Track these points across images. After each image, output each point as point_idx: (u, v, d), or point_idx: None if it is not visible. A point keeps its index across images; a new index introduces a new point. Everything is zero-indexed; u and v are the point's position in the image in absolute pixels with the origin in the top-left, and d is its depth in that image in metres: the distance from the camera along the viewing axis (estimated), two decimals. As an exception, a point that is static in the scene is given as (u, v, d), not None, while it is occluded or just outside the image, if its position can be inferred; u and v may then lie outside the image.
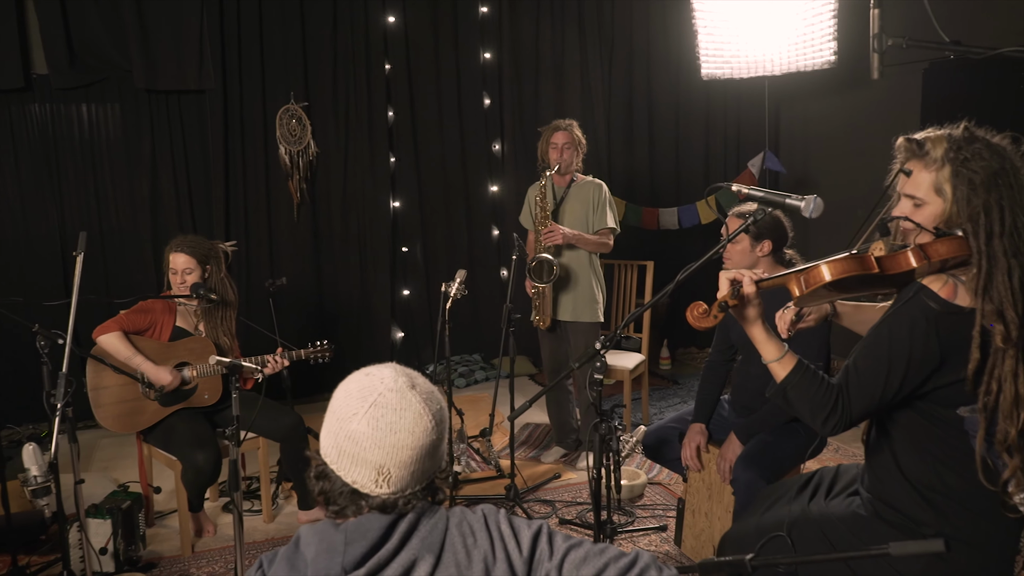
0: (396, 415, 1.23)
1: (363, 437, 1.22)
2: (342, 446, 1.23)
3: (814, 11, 4.75)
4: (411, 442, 1.23)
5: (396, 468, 1.22)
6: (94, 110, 4.93)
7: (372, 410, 1.22)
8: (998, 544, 1.67)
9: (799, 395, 1.72)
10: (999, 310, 1.56)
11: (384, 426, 1.22)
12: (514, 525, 1.28)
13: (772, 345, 1.77)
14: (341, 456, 1.24)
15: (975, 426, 1.64)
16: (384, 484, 1.22)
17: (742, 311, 1.78)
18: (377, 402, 1.23)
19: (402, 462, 1.22)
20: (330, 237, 5.46)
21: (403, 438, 1.22)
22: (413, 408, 1.24)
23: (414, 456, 1.23)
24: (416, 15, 5.47)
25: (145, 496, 3.50)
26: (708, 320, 1.79)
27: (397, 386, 1.25)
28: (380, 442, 1.21)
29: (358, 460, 1.22)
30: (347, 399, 1.25)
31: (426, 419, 1.24)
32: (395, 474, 1.22)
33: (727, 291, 1.76)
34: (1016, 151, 1.64)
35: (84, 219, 4.89)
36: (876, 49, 1.63)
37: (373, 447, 1.21)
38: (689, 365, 6.10)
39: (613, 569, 1.24)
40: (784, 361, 1.75)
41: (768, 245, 2.85)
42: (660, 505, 3.71)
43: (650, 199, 6.02)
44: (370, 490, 1.23)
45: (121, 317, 3.37)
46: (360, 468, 1.22)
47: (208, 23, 4.91)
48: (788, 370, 1.74)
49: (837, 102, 5.81)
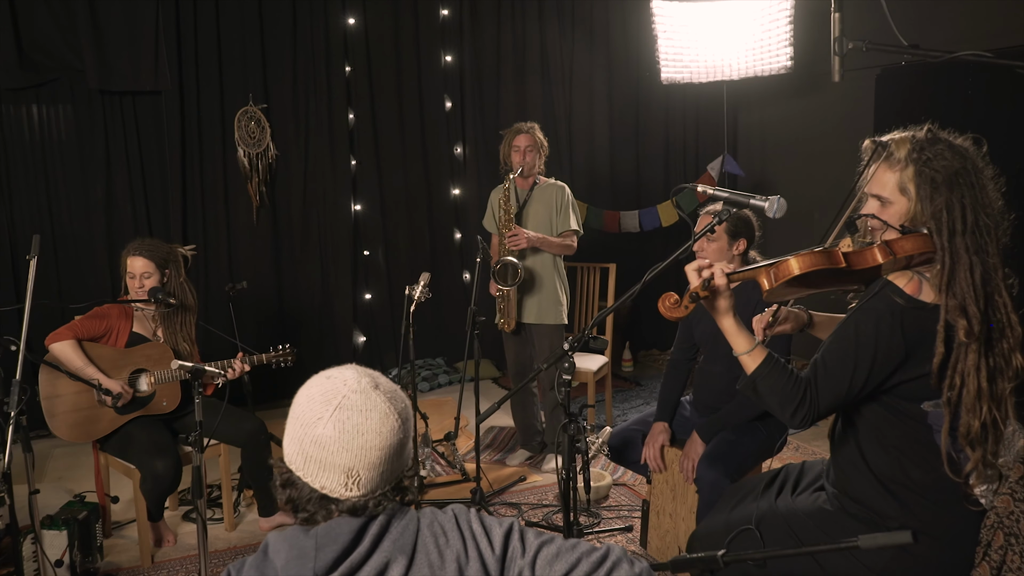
0: (362, 416, 1.21)
1: (330, 441, 1.20)
2: (308, 452, 1.21)
3: (771, 17, 4.84)
4: (379, 443, 1.21)
5: (365, 470, 1.21)
6: (45, 111, 4.81)
7: (337, 413, 1.21)
8: (960, 536, 1.71)
9: (769, 387, 1.75)
10: (962, 305, 1.60)
11: (351, 428, 1.20)
12: (485, 524, 1.27)
13: (743, 337, 1.80)
14: (308, 462, 1.22)
15: (939, 420, 1.68)
16: (354, 487, 1.21)
17: (713, 302, 1.80)
18: (342, 405, 1.21)
19: (371, 463, 1.21)
20: (290, 241, 5.40)
21: (371, 439, 1.21)
22: (379, 408, 1.23)
23: (382, 456, 1.22)
24: (377, 17, 5.44)
25: (102, 506, 3.42)
26: (679, 311, 1.80)
27: (361, 387, 1.24)
28: (347, 445, 1.20)
29: (326, 465, 1.20)
30: (310, 403, 1.23)
31: (392, 418, 1.23)
32: (364, 476, 1.21)
33: (698, 283, 1.77)
34: (978, 152, 1.69)
35: (35, 223, 4.77)
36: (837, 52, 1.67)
37: (341, 450, 1.20)
38: (651, 367, 6.15)
39: (586, 564, 1.24)
40: (754, 354, 1.78)
41: (743, 243, 2.89)
42: (625, 506, 3.73)
43: (611, 202, 6.06)
44: (340, 494, 1.21)
45: (75, 324, 3.29)
46: (328, 473, 1.21)
47: (164, 22, 4.82)
48: (758, 362, 1.77)
49: (793, 106, 5.92)
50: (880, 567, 1.72)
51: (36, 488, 2.66)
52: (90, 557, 3.17)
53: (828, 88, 5.55)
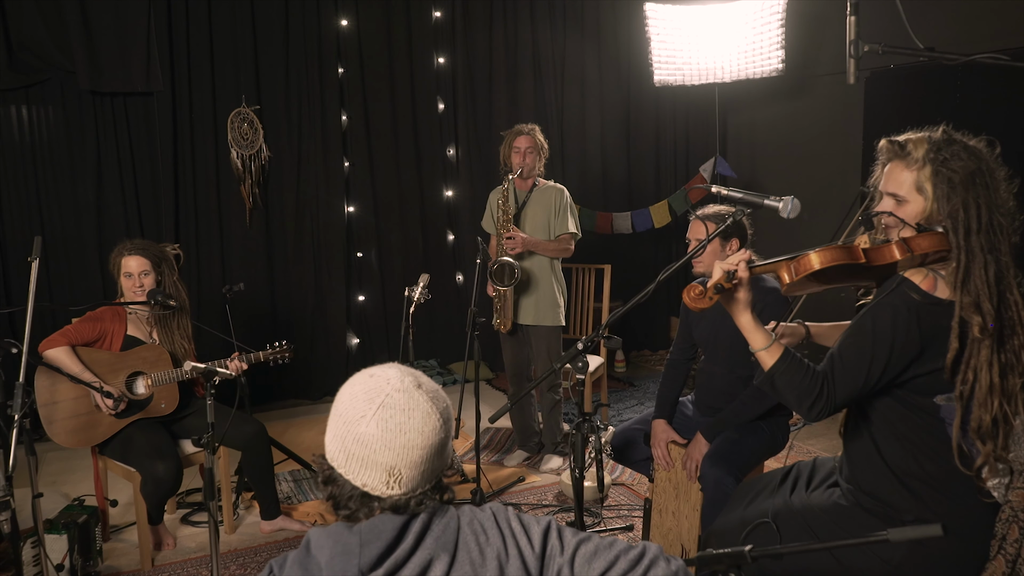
0: (405, 415, 1.22)
1: (372, 439, 1.21)
2: (350, 449, 1.22)
3: (763, 20, 4.89)
4: (421, 442, 1.22)
5: (407, 468, 1.22)
6: (35, 112, 4.76)
7: (380, 411, 1.21)
8: (975, 529, 1.74)
9: (786, 382, 1.78)
10: (976, 302, 1.64)
11: (393, 427, 1.21)
12: (524, 522, 1.28)
13: (760, 333, 1.82)
14: (350, 459, 1.22)
15: (951, 413, 1.71)
16: (396, 485, 1.22)
17: (733, 295, 1.82)
18: (385, 403, 1.22)
19: (412, 462, 1.22)
20: (283, 243, 5.38)
21: (413, 438, 1.22)
22: (421, 408, 1.24)
23: (424, 456, 1.23)
24: (369, 19, 5.43)
25: (101, 510, 3.39)
26: (704, 301, 1.82)
27: (404, 386, 1.24)
28: (390, 443, 1.21)
29: (368, 463, 1.21)
30: (353, 401, 1.24)
31: (434, 418, 1.24)
32: (406, 475, 1.22)
33: (721, 275, 1.80)
34: (991, 153, 1.73)
35: (25, 225, 4.72)
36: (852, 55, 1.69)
37: (383, 449, 1.21)
38: (643, 367, 6.18)
39: (623, 562, 1.25)
40: (772, 349, 1.80)
41: (736, 243, 2.92)
42: (625, 506, 3.74)
43: (603, 203, 6.09)
44: (381, 492, 1.22)
45: (68, 329, 3.25)
46: (370, 471, 1.21)
47: (156, 23, 4.79)
48: (776, 358, 1.79)
49: (783, 109, 5.98)
50: (896, 560, 1.75)
51: (39, 492, 2.63)
52: (91, 561, 3.14)
53: (818, 91, 5.61)
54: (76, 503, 3.27)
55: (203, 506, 3.76)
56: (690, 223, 3.06)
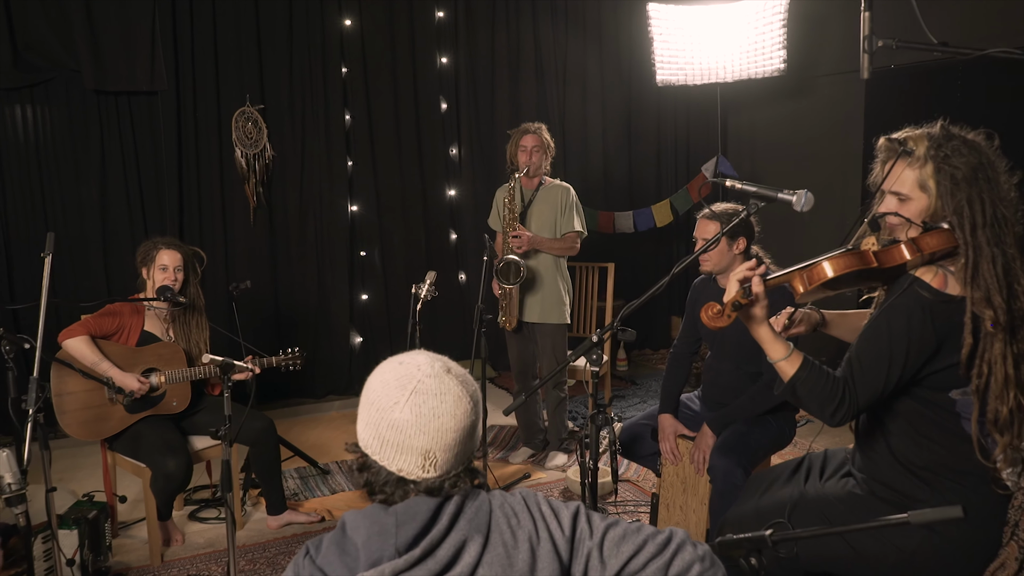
0: (437, 400, 1.25)
1: (407, 425, 1.23)
2: (385, 436, 1.24)
3: (764, 20, 4.92)
4: (453, 425, 1.25)
5: (441, 452, 1.24)
6: (39, 111, 4.76)
7: (413, 397, 1.24)
8: (988, 517, 1.77)
9: (808, 391, 1.79)
10: (987, 296, 1.66)
11: (427, 412, 1.23)
12: (554, 506, 1.31)
13: (779, 344, 1.83)
14: (384, 446, 1.25)
15: (966, 408, 1.74)
16: (431, 468, 1.24)
17: (750, 310, 1.83)
18: (417, 389, 1.25)
19: (446, 445, 1.24)
20: (287, 241, 5.39)
21: (446, 422, 1.24)
22: (452, 392, 1.26)
23: (457, 438, 1.25)
24: (372, 18, 5.45)
25: (110, 506, 3.40)
26: (722, 320, 1.82)
27: (434, 371, 1.27)
28: (424, 428, 1.23)
29: (403, 448, 1.24)
30: (385, 389, 1.26)
31: (465, 401, 1.27)
32: (440, 458, 1.24)
33: (738, 292, 1.80)
34: (991, 146, 1.75)
35: (29, 225, 4.73)
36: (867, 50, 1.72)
37: (418, 434, 1.23)
38: (644, 366, 6.21)
39: (651, 546, 1.28)
40: (792, 359, 1.81)
41: (743, 242, 2.94)
42: (631, 501, 3.77)
43: (604, 203, 6.12)
44: (417, 476, 1.24)
45: (87, 321, 3.28)
46: (406, 456, 1.24)
47: (160, 22, 4.79)
48: (796, 367, 1.80)
49: (784, 108, 6.01)
50: (911, 548, 1.78)
51: (54, 486, 2.65)
52: (101, 556, 3.15)
53: (819, 91, 5.65)
54: (86, 499, 3.28)
55: (211, 502, 3.79)
56: (697, 221, 3.08)
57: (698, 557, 1.28)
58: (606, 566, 1.26)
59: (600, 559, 1.27)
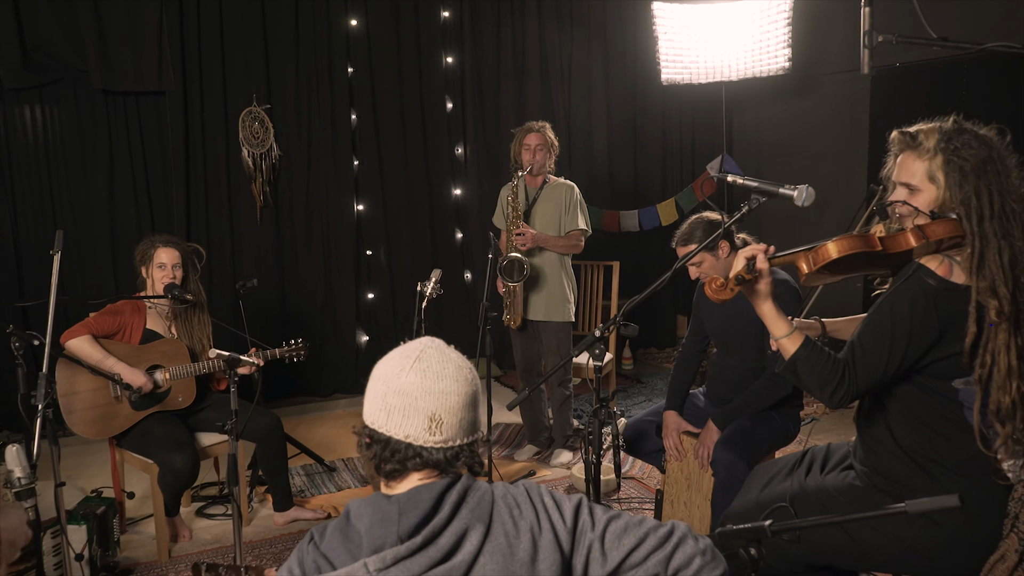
0: (441, 364, 1.31)
1: (413, 387, 1.28)
2: (392, 403, 1.28)
3: (770, 19, 4.93)
4: (457, 388, 1.29)
5: (447, 414, 1.28)
6: (48, 112, 4.80)
7: (418, 363, 1.30)
8: (988, 509, 1.78)
9: (808, 369, 1.81)
10: (992, 287, 1.68)
11: (432, 374, 1.29)
12: (556, 498, 1.32)
13: (782, 321, 1.85)
14: (391, 414, 1.28)
15: (969, 397, 1.75)
16: (437, 430, 1.27)
17: (754, 286, 1.86)
18: (421, 356, 1.31)
19: (451, 407, 1.29)
20: (293, 240, 5.42)
21: (450, 384, 1.29)
22: (454, 360, 1.33)
23: (461, 403, 1.30)
24: (378, 19, 5.47)
25: (118, 502, 3.43)
26: (725, 292, 1.85)
27: (435, 345, 1.35)
28: (430, 389, 1.28)
29: (410, 411, 1.27)
30: (390, 362, 1.33)
31: (466, 370, 1.33)
32: (446, 420, 1.28)
33: (742, 266, 1.83)
34: (1002, 141, 1.77)
35: (39, 224, 4.77)
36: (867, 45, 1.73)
37: (424, 394, 1.27)
38: (650, 364, 6.22)
39: (653, 539, 1.29)
40: (793, 337, 1.83)
41: (726, 246, 2.91)
42: (635, 498, 3.78)
43: (610, 202, 6.13)
44: (424, 440, 1.27)
45: (89, 321, 3.30)
46: (413, 419, 1.27)
47: (167, 23, 4.84)
48: (797, 345, 1.83)
49: (790, 107, 6.01)
50: (911, 539, 1.78)
51: (62, 481, 2.67)
52: (109, 551, 3.18)
53: (824, 89, 5.65)
54: (94, 495, 3.30)
55: (218, 499, 3.81)
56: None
57: (699, 551, 1.30)
58: (607, 558, 1.28)
59: (601, 551, 1.28)
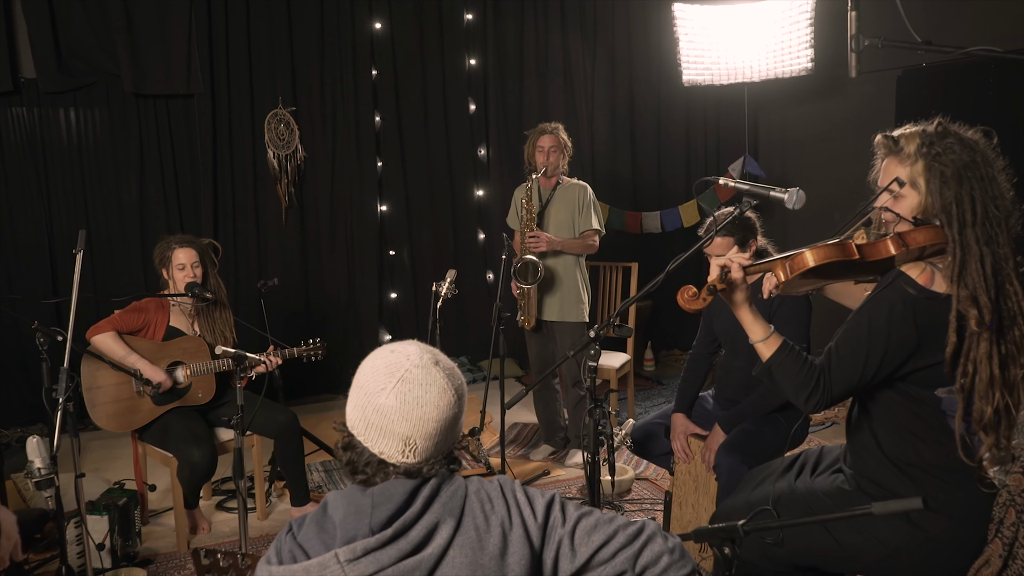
0: (422, 390, 1.30)
1: (391, 411, 1.29)
2: (370, 419, 1.30)
3: (791, 19, 4.89)
4: (436, 415, 1.30)
5: (422, 439, 1.30)
6: (82, 114, 4.96)
7: (400, 385, 1.30)
8: (973, 514, 1.77)
9: (783, 374, 1.81)
10: (973, 295, 1.65)
11: (411, 400, 1.29)
12: (529, 494, 1.35)
13: (759, 326, 1.86)
14: (369, 428, 1.31)
15: (952, 406, 1.73)
16: (410, 455, 1.30)
17: (730, 295, 1.87)
18: (404, 377, 1.30)
19: (427, 434, 1.30)
20: (318, 240, 5.52)
21: (428, 411, 1.30)
22: (438, 383, 1.32)
23: (438, 428, 1.31)
24: (402, 21, 5.55)
25: (140, 494, 3.53)
26: (697, 303, 1.87)
27: (422, 362, 1.32)
28: (407, 415, 1.29)
29: (386, 432, 1.30)
30: (374, 374, 1.32)
31: (449, 393, 1.32)
32: (420, 445, 1.30)
33: (716, 275, 1.85)
34: (989, 144, 1.74)
35: (72, 223, 4.92)
36: (853, 49, 1.74)
37: (400, 420, 1.29)
38: (672, 366, 6.21)
39: (622, 536, 1.32)
40: (770, 341, 1.84)
41: (755, 244, 2.94)
42: (648, 499, 3.79)
43: (632, 203, 6.14)
44: (396, 460, 1.30)
45: (115, 317, 3.41)
46: (387, 440, 1.30)
47: (196, 28, 4.96)
48: (773, 350, 1.83)
49: (814, 108, 5.96)
50: (895, 544, 1.78)
51: (82, 472, 2.77)
52: (130, 542, 3.28)
53: (849, 89, 5.59)
54: (117, 486, 3.41)
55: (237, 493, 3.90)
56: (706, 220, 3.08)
57: (667, 549, 1.32)
58: (576, 554, 1.31)
59: (571, 547, 1.31)
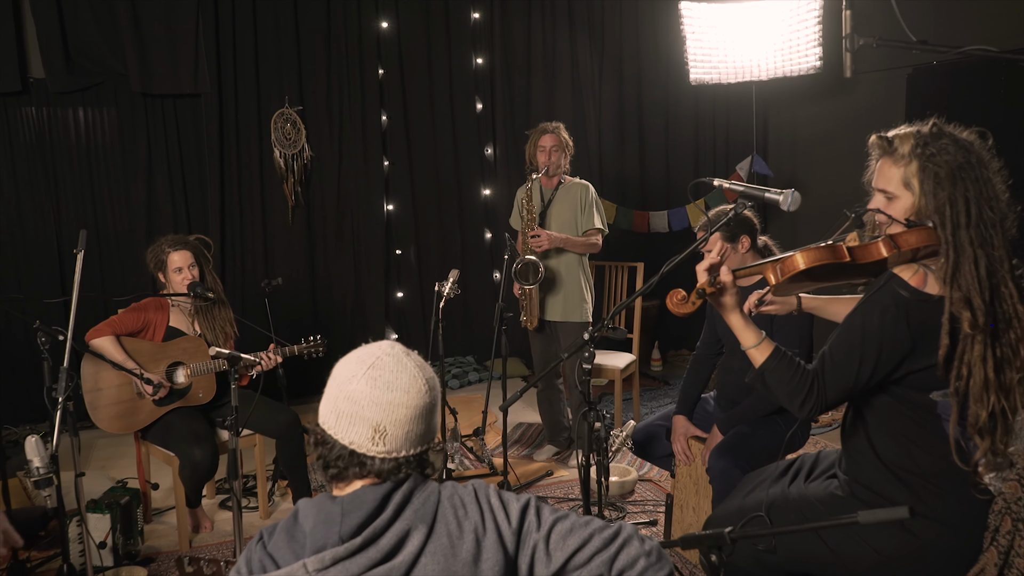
0: (393, 375, 1.31)
1: (361, 396, 1.29)
2: (341, 408, 1.30)
3: (799, 17, 4.85)
4: (406, 400, 1.30)
5: (392, 426, 1.29)
6: (90, 114, 4.99)
7: (370, 371, 1.30)
8: (968, 521, 1.74)
9: (776, 380, 1.79)
10: (966, 298, 1.62)
11: (382, 384, 1.29)
12: (503, 498, 1.34)
13: (750, 332, 1.84)
14: (339, 418, 1.31)
15: (947, 409, 1.70)
16: (380, 442, 1.29)
17: (720, 299, 1.85)
18: (375, 364, 1.31)
19: (397, 420, 1.29)
20: (324, 240, 5.53)
21: (399, 396, 1.30)
22: (408, 371, 1.33)
23: (409, 415, 1.30)
24: (409, 20, 5.54)
25: (143, 492, 3.55)
26: (686, 306, 1.86)
27: (394, 352, 1.35)
28: (377, 400, 1.29)
29: (356, 419, 1.29)
30: (347, 365, 1.34)
31: (420, 381, 1.33)
32: (391, 432, 1.29)
33: (705, 280, 1.83)
34: (984, 145, 1.71)
35: (80, 222, 4.94)
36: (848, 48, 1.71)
37: (371, 404, 1.29)
38: (679, 367, 6.17)
39: (597, 540, 1.30)
40: (762, 347, 1.82)
41: (746, 240, 2.92)
42: (650, 501, 3.77)
43: (640, 202, 6.10)
44: (367, 449, 1.29)
45: (114, 320, 3.41)
46: (358, 427, 1.29)
47: (203, 27, 4.98)
48: (766, 356, 1.81)
49: (824, 107, 5.90)
50: (889, 551, 1.76)
51: (82, 471, 2.78)
52: (131, 540, 3.29)
53: (859, 88, 5.53)
54: (119, 485, 3.42)
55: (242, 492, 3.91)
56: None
57: (644, 552, 1.30)
58: (551, 558, 1.29)
59: (546, 552, 1.29)
